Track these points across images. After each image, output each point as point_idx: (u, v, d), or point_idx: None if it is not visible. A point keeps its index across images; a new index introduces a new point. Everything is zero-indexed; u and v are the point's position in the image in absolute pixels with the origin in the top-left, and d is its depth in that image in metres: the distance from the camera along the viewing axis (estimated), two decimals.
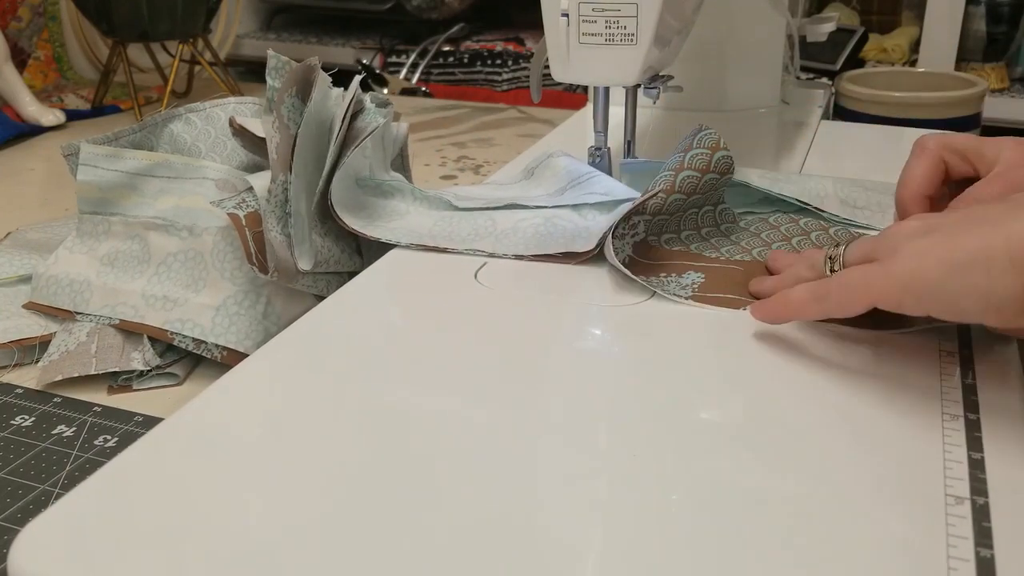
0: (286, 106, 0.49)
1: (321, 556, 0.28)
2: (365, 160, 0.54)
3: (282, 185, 0.47)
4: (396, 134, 0.60)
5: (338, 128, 0.50)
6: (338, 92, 0.52)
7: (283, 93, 0.49)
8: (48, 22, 1.13)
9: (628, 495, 0.31)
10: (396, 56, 1.41)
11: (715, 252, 0.49)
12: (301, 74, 0.49)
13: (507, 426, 0.34)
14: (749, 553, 0.28)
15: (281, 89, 0.49)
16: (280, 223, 0.47)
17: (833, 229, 0.52)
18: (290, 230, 0.47)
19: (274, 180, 0.47)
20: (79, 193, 0.52)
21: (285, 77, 0.49)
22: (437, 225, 0.51)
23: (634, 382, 0.38)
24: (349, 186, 0.52)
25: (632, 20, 0.47)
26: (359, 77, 0.53)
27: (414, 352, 0.40)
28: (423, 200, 0.54)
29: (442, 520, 0.29)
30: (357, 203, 0.53)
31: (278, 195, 0.47)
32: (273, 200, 0.47)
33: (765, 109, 0.78)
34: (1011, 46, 1.28)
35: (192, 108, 0.55)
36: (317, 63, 0.49)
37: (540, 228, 0.49)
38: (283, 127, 0.48)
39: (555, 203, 0.51)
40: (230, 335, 0.48)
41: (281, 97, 0.48)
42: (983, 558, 0.27)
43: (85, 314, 0.50)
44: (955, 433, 0.33)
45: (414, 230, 0.51)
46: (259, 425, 0.35)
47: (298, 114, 0.49)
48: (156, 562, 0.27)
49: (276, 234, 0.46)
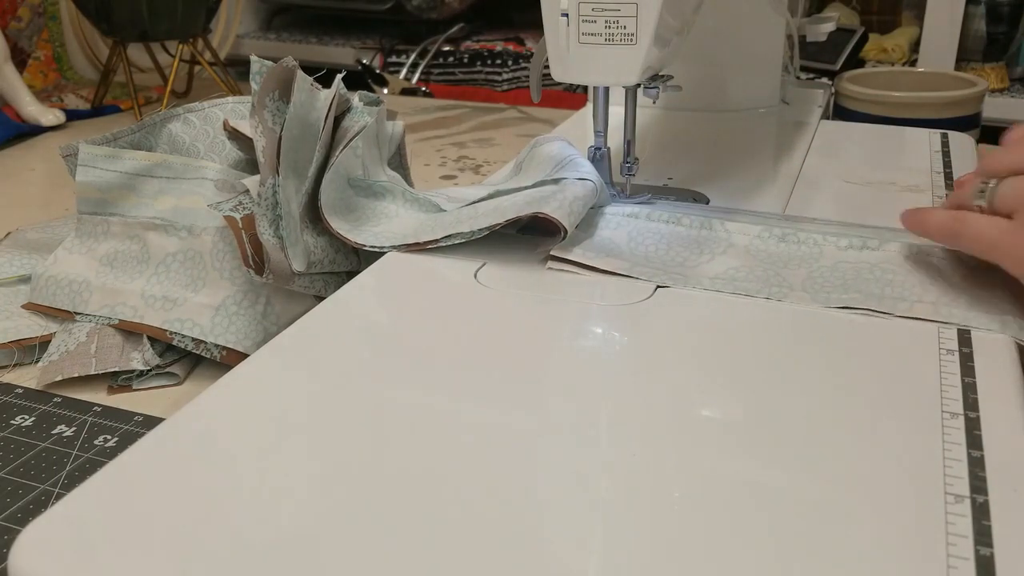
0: (269, 110, 0.48)
1: (321, 556, 0.28)
2: (357, 159, 0.54)
3: (271, 188, 0.47)
4: (391, 132, 0.59)
5: (321, 128, 0.50)
6: (327, 93, 0.52)
7: (263, 97, 0.48)
8: (48, 22, 1.13)
9: (629, 494, 0.31)
10: (396, 56, 1.41)
11: None
12: (280, 76, 0.49)
13: (507, 426, 0.34)
14: (749, 551, 0.28)
15: (260, 93, 0.48)
16: (272, 226, 0.47)
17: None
18: (282, 232, 0.47)
19: (263, 183, 0.47)
20: (78, 194, 0.52)
21: (261, 81, 0.49)
22: (423, 225, 0.51)
23: (634, 381, 0.38)
24: (340, 187, 0.52)
25: (632, 20, 0.47)
26: (340, 76, 0.52)
27: (414, 352, 0.40)
28: (413, 202, 0.53)
29: (442, 520, 0.29)
30: (347, 205, 0.52)
31: (268, 198, 0.47)
32: (264, 203, 0.47)
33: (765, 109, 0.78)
34: (1011, 46, 1.28)
35: (190, 108, 0.55)
36: (295, 64, 0.49)
37: (517, 199, 0.49)
38: (268, 131, 0.48)
39: (536, 180, 0.51)
40: (229, 335, 0.48)
41: (262, 101, 0.48)
42: (983, 556, 0.27)
43: (84, 314, 0.50)
44: (955, 431, 0.33)
45: (397, 232, 0.50)
46: (259, 425, 0.35)
47: (283, 116, 0.49)
48: (157, 562, 0.27)
49: (269, 237, 0.46)
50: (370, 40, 1.49)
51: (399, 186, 0.54)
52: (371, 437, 0.34)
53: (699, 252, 0.49)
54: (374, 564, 0.27)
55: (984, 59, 1.27)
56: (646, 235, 0.51)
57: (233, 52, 1.37)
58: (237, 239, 0.47)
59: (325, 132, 0.51)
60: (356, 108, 0.54)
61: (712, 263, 0.48)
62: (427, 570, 0.27)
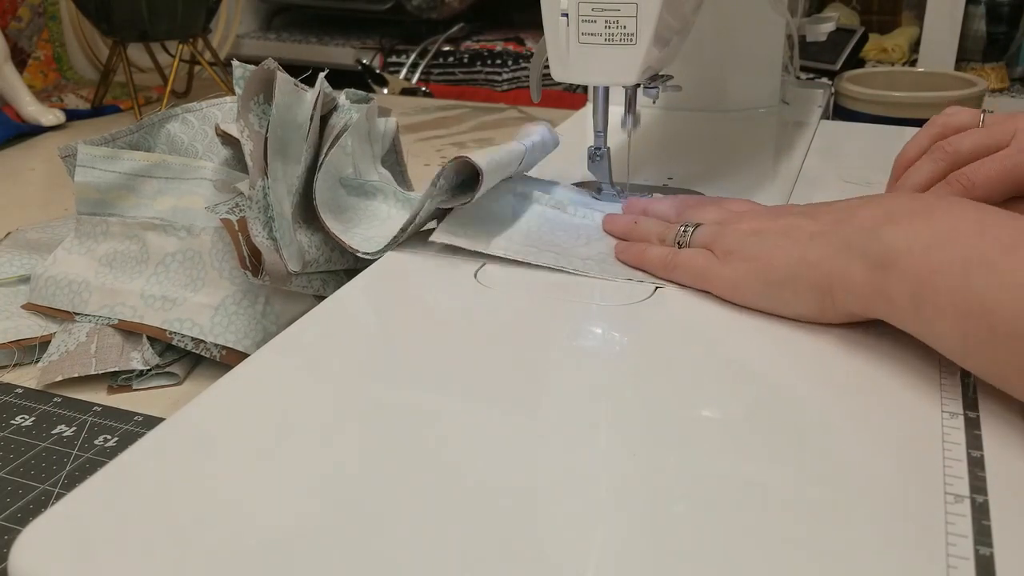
0: (254, 113, 0.48)
1: (322, 556, 0.28)
2: (347, 157, 0.54)
3: (261, 190, 0.47)
4: (384, 129, 0.59)
5: (307, 127, 0.50)
6: (312, 92, 0.52)
7: (247, 101, 0.48)
8: (48, 22, 1.13)
9: (628, 494, 0.31)
10: (396, 56, 1.41)
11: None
12: (263, 79, 0.48)
13: (507, 425, 0.34)
14: (749, 551, 0.28)
15: (244, 97, 0.48)
16: (265, 228, 0.47)
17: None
18: (276, 234, 0.47)
19: (252, 186, 0.47)
20: (77, 194, 0.52)
21: (244, 85, 0.49)
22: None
23: (634, 381, 0.38)
24: (332, 186, 0.52)
25: (632, 20, 0.47)
26: (322, 75, 0.52)
27: (414, 352, 0.40)
28: (405, 202, 0.53)
29: (443, 519, 0.29)
30: (339, 204, 0.52)
31: (259, 200, 0.47)
32: (255, 205, 0.47)
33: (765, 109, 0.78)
34: (1011, 46, 1.28)
35: (189, 108, 0.55)
36: (275, 66, 0.49)
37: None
38: (254, 134, 0.48)
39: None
40: (229, 334, 0.48)
41: (246, 105, 0.48)
42: (982, 556, 0.27)
43: (84, 315, 0.50)
44: (955, 431, 0.33)
45: (387, 236, 0.51)
46: (259, 425, 0.35)
47: (268, 119, 0.49)
48: (157, 562, 0.27)
49: (262, 239, 0.46)
50: (370, 40, 1.49)
51: (390, 186, 0.54)
52: (371, 437, 0.34)
53: (576, 237, 0.52)
54: (374, 564, 0.27)
55: (984, 59, 1.27)
56: (536, 219, 0.53)
57: (233, 52, 1.37)
58: (233, 241, 0.47)
59: (312, 131, 0.51)
60: (343, 106, 0.54)
61: (587, 247, 0.50)
62: (427, 570, 0.27)
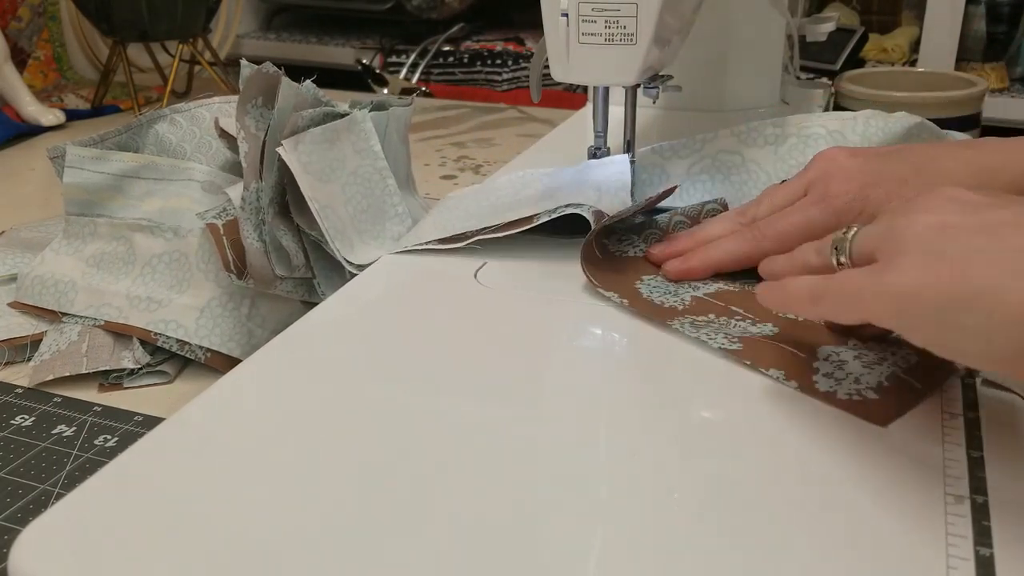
0: (251, 116, 0.48)
1: (322, 556, 0.28)
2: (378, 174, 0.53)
3: (255, 192, 0.47)
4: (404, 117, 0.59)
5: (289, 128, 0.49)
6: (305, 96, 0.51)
7: (245, 103, 0.48)
8: (48, 22, 1.13)
9: (628, 494, 0.31)
10: (396, 56, 1.41)
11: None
12: (262, 82, 0.48)
13: (507, 425, 0.34)
14: (749, 551, 0.28)
15: (242, 99, 0.48)
16: (256, 230, 0.47)
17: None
18: (266, 237, 0.47)
19: (247, 188, 0.47)
20: (65, 195, 0.52)
21: (242, 88, 0.48)
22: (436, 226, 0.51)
23: (634, 381, 0.38)
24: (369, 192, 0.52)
25: (632, 20, 0.47)
26: (309, 81, 0.51)
27: (414, 352, 0.40)
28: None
29: (442, 519, 0.29)
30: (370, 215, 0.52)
31: (252, 203, 0.47)
32: (248, 208, 0.47)
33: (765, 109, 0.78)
34: (1011, 46, 1.28)
35: (177, 109, 0.55)
36: (279, 71, 0.48)
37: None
38: (251, 136, 0.48)
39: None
40: (214, 337, 0.48)
41: (244, 107, 0.48)
42: (982, 556, 0.27)
43: (70, 315, 0.50)
44: (955, 432, 0.33)
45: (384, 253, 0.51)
46: (259, 426, 0.35)
47: (266, 122, 0.48)
48: (157, 562, 0.27)
49: (253, 241, 0.46)
50: (370, 40, 1.49)
51: (410, 217, 0.54)
52: (371, 437, 0.34)
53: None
54: (373, 564, 0.27)
55: (984, 59, 1.27)
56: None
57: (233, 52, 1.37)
58: (217, 244, 0.47)
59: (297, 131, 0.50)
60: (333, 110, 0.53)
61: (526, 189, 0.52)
62: (426, 570, 0.27)
